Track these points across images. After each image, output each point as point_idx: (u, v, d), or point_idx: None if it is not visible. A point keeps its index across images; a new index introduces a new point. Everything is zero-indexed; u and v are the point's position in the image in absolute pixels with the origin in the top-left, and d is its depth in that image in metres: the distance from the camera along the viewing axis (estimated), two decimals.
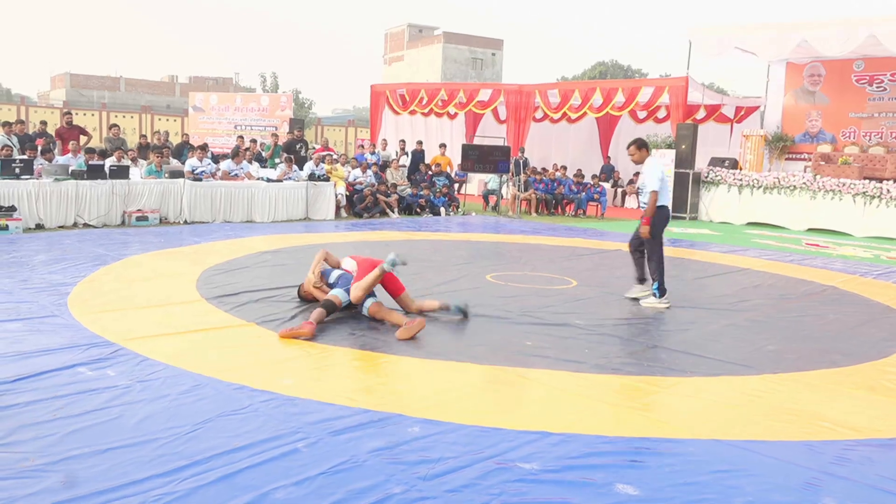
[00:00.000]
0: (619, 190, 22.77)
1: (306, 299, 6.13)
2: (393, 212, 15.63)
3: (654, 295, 6.48)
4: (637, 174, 22.05)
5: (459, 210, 17.23)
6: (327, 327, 5.51)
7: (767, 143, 17.57)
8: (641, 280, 6.72)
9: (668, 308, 6.32)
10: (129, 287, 6.51)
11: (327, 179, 14.48)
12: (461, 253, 9.82)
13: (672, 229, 14.31)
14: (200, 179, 12.73)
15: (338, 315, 5.72)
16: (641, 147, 6.75)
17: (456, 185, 21.96)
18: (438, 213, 16.31)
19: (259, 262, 8.39)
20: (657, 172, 6.52)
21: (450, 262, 8.93)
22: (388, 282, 5.83)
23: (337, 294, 5.67)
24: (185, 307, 5.91)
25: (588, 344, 5.34)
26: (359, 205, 15.11)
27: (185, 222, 12.23)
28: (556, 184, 18.47)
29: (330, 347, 4.97)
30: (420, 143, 19.32)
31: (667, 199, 6.49)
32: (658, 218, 6.67)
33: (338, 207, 14.85)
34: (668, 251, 10.78)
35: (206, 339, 5.10)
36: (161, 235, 10.56)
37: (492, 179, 18.93)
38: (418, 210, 16.20)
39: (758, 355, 5.18)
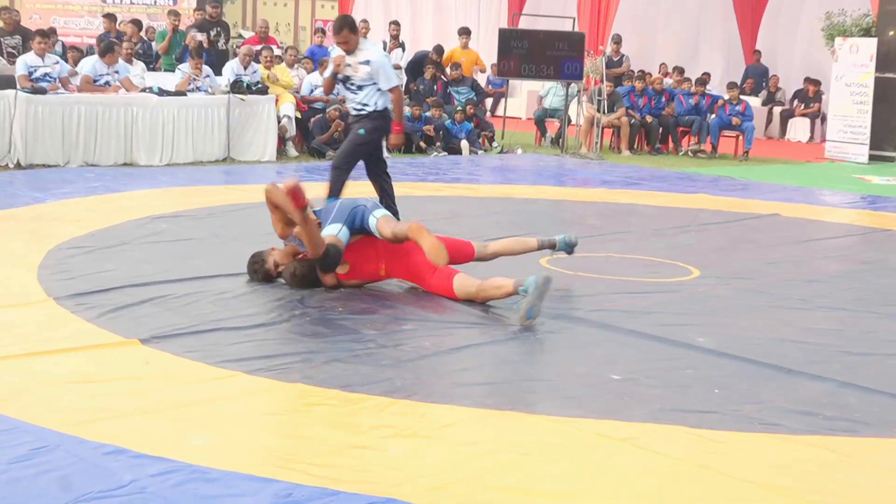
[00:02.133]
0: (779, 110, 21.18)
1: (269, 278, 6.50)
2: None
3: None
4: (812, 85, 19.44)
5: (495, 145, 16.31)
6: (277, 343, 5.37)
7: None
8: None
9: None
10: None
11: (264, 91, 13.57)
12: (497, 221, 9.47)
13: (870, 179, 13.93)
14: (44, 91, 11.98)
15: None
16: (353, 29, 7.72)
17: (488, 102, 21.08)
18: (458, 151, 15.42)
19: (146, 235, 8.15)
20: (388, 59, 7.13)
21: (478, 236, 8.31)
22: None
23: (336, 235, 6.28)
24: (19, 313, 5.82)
25: (720, 379, 5.12)
26: (318, 135, 14.24)
27: (19, 165, 11.68)
28: (664, 99, 17.34)
29: (275, 382, 4.72)
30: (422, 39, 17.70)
31: None
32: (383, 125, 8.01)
33: (281, 140, 14.09)
34: (860, 218, 10.83)
35: (57, 368, 4.91)
36: None
37: (551, 91, 17.82)
38: (422, 146, 15.30)
39: None
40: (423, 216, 9.39)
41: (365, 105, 7.98)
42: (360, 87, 8.06)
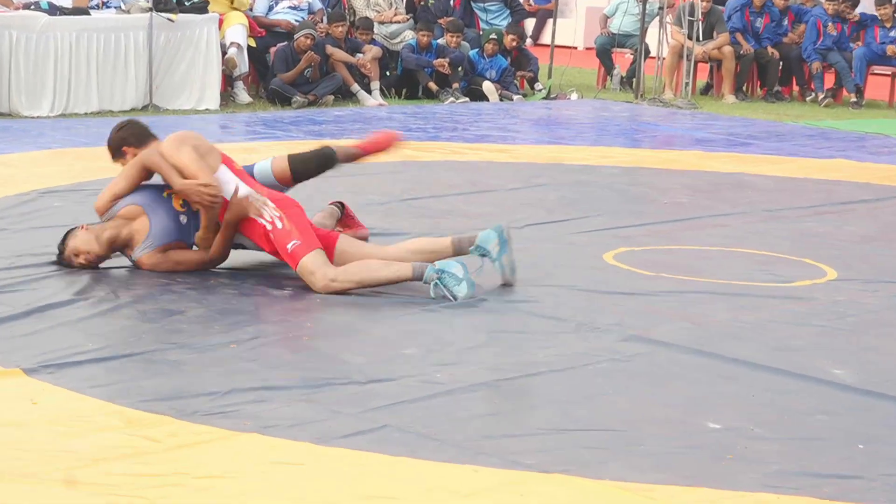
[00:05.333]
0: None
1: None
2: (369, 91, 14.92)
3: None
4: None
5: (538, 88, 16.42)
6: (217, 374, 5.30)
7: None
8: None
9: None
10: None
11: (202, 9, 13.73)
12: (540, 197, 9.51)
13: None
14: None
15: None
16: None
17: (528, 25, 21.16)
18: (483, 96, 15.55)
19: (29, 217, 8.20)
20: None
21: (511, 220, 8.34)
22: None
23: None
24: None
25: (867, 429, 4.99)
26: (280, 71, 14.33)
27: None
28: (787, 21, 17.34)
29: (221, 432, 4.65)
30: None
31: None
32: None
33: (227, 80, 14.25)
34: None
35: None
36: None
37: (621, 9, 17.93)
38: (432, 88, 15.42)
39: None
40: (431, 189, 9.51)
41: None
42: None
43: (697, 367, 5.62)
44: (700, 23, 15.92)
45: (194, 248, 6.86)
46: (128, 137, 7.03)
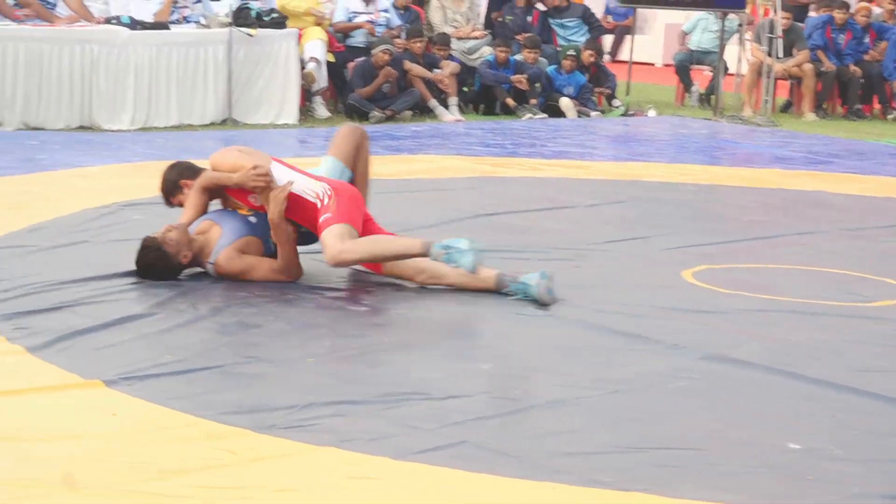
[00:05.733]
0: None
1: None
2: (447, 106, 14.90)
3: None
4: None
5: (616, 104, 16.37)
6: (296, 389, 5.30)
7: None
8: None
9: None
10: None
11: (282, 24, 13.78)
12: (617, 214, 9.52)
13: None
14: None
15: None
16: None
17: (607, 41, 21.11)
18: (561, 113, 15.49)
19: (110, 229, 8.21)
20: None
21: (589, 236, 8.54)
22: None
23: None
24: None
25: None
26: (358, 86, 14.36)
27: None
28: (863, 41, 17.17)
29: (298, 445, 4.63)
30: None
31: None
32: None
33: (306, 94, 14.31)
34: None
35: None
36: None
37: (700, 26, 17.91)
38: (510, 104, 15.39)
39: None
40: (509, 205, 9.49)
41: None
42: None
43: (777, 387, 5.57)
44: (780, 40, 15.83)
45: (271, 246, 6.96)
46: (183, 171, 7.13)
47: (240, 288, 6.76)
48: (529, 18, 16.75)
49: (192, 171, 7.13)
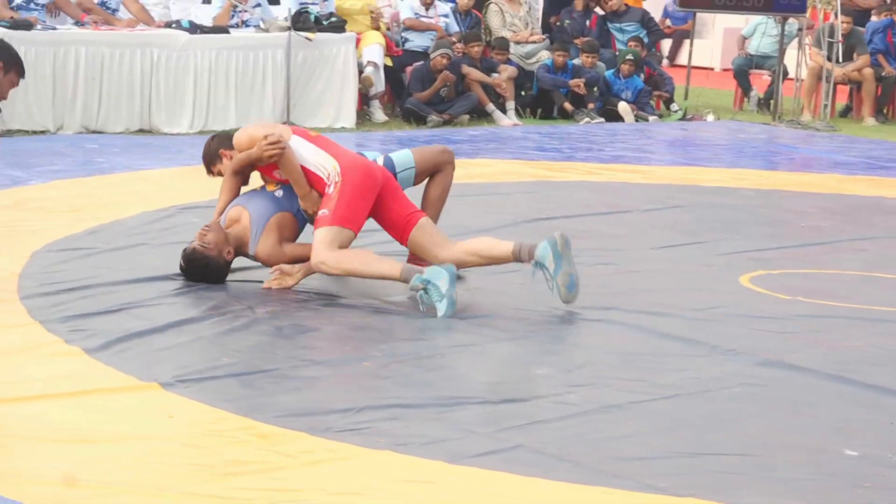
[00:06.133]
0: None
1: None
2: (504, 111, 14.85)
3: None
4: None
5: (674, 109, 16.38)
6: (351, 391, 5.38)
7: None
8: None
9: None
10: None
11: (340, 28, 13.83)
12: (676, 218, 9.52)
13: None
14: (28, 25, 12.23)
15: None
16: None
17: (665, 45, 21.06)
18: (619, 117, 15.44)
19: (168, 232, 8.28)
20: None
21: (646, 241, 8.54)
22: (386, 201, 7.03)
23: None
24: None
25: None
26: (416, 90, 14.39)
27: None
28: None
29: (354, 448, 4.66)
30: None
31: None
32: None
33: (363, 98, 14.29)
34: None
35: (42, 421, 4.85)
36: None
37: (759, 30, 17.83)
38: (568, 108, 15.37)
39: None
40: (566, 209, 9.48)
41: None
42: None
43: (834, 393, 5.54)
44: (840, 44, 15.71)
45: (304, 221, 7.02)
46: (223, 141, 7.23)
47: (296, 292, 6.79)
48: (588, 22, 16.76)
49: (229, 140, 7.21)
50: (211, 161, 7.30)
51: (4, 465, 4.43)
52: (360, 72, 13.81)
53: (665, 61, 19.59)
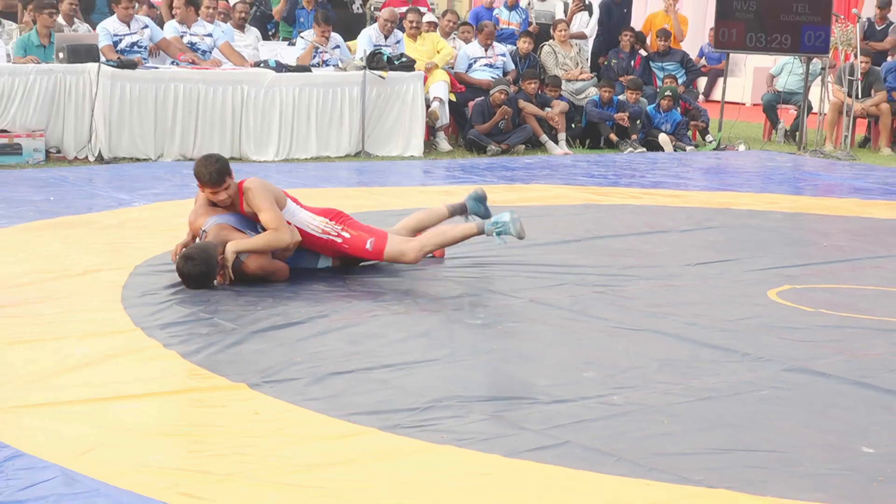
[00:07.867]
0: None
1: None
2: (556, 141, 14.89)
3: None
4: None
5: (709, 139, 16.33)
6: (421, 391, 5.33)
7: None
8: None
9: None
10: None
11: (410, 67, 13.83)
12: (710, 238, 9.46)
13: None
14: (133, 65, 12.36)
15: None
16: None
17: (701, 83, 20.97)
18: (659, 147, 15.43)
19: None
20: None
21: (683, 258, 8.54)
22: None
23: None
24: (98, 346, 5.89)
25: None
26: (477, 122, 14.42)
27: (100, 159, 12.11)
28: None
29: (420, 443, 4.71)
30: None
31: None
32: None
33: (430, 130, 14.35)
34: None
35: (144, 417, 4.96)
36: (47, 186, 10.55)
37: (786, 69, 17.77)
38: (613, 139, 15.41)
39: None
40: (611, 229, 9.49)
41: None
42: None
43: (854, 397, 5.51)
44: (859, 81, 15.56)
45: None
46: (227, 165, 7.32)
47: (370, 302, 6.81)
48: (632, 62, 16.72)
49: (229, 170, 7.31)
50: (220, 180, 7.23)
51: (111, 456, 4.47)
52: (427, 106, 13.85)
53: (701, 97, 19.46)
